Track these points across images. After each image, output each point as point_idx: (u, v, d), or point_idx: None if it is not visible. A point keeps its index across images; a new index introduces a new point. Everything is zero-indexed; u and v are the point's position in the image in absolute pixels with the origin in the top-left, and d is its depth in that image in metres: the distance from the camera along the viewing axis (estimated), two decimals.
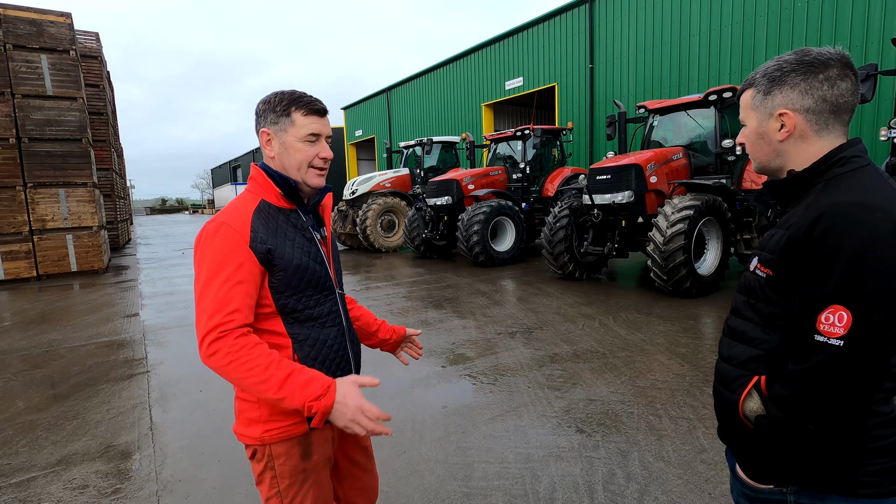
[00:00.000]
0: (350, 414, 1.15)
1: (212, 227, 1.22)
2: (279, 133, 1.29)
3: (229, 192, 43.29)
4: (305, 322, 1.31)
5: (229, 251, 1.19)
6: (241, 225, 1.21)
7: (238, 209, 1.26)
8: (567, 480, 2.49)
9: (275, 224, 1.27)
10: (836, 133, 1.01)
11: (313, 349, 1.31)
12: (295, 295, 1.28)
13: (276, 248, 1.24)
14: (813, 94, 0.99)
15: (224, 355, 1.14)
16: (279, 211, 1.31)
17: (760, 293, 1.03)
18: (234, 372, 1.14)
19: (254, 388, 1.15)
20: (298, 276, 1.28)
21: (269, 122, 1.30)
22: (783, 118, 1.02)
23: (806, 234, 0.92)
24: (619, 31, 13.17)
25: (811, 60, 0.99)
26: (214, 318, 1.15)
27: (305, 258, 1.30)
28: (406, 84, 22.67)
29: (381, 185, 12.94)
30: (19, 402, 3.77)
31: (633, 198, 6.61)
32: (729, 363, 1.09)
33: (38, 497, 2.54)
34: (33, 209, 9.86)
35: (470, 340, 4.89)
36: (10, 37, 9.46)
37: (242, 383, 1.15)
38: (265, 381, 1.14)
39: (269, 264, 1.24)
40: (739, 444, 1.09)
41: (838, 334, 0.87)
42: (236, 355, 1.14)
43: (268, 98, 1.32)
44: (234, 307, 1.17)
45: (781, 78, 1.02)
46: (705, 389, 3.48)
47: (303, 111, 1.29)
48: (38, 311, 7.01)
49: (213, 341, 1.15)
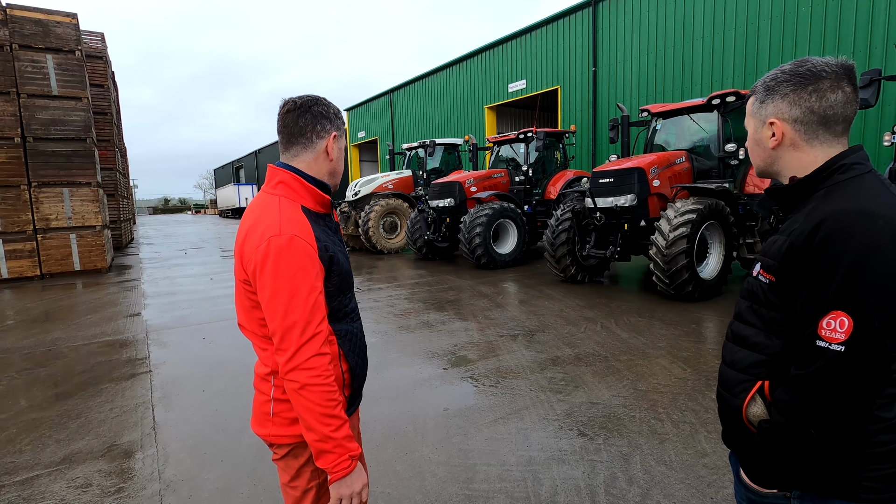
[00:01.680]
0: (354, 489, 1.22)
1: (282, 240, 1.19)
2: (340, 138, 1.37)
3: (231, 193, 43.28)
4: (343, 319, 1.36)
5: (306, 263, 1.20)
6: (308, 235, 1.23)
7: (295, 219, 1.24)
8: (569, 483, 2.49)
9: (322, 230, 1.31)
10: (828, 143, 1.03)
11: (351, 342, 1.37)
12: (339, 296, 1.34)
13: (336, 255, 1.29)
14: (801, 104, 1.02)
15: (318, 375, 1.18)
16: (318, 216, 1.33)
17: (763, 299, 1.05)
18: (314, 394, 1.17)
19: (316, 415, 1.18)
20: (345, 278, 1.34)
21: (336, 127, 1.35)
22: (773, 127, 1.06)
23: (807, 240, 0.93)
24: (623, 34, 13.19)
25: (803, 72, 1.02)
26: (309, 328, 1.18)
27: (346, 260, 1.36)
28: (409, 86, 22.71)
29: (383, 186, 12.96)
30: (23, 401, 3.79)
31: (636, 201, 6.60)
32: (732, 368, 1.10)
33: (41, 495, 2.55)
34: (37, 208, 9.90)
35: (472, 342, 4.89)
36: (16, 36, 9.51)
37: (311, 406, 1.18)
38: (333, 416, 1.19)
39: (329, 271, 1.28)
40: (743, 449, 1.09)
41: (839, 340, 0.88)
42: (326, 380, 1.19)
43: (326, 102, 1.35)
44: (322, 315, 1.22)
45: (774, 88, 1.06)
46: (707, 393, 3.47)
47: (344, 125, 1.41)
48: (41, 310, 7.03)
49: (314, 356, 1.18)
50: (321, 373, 1.18)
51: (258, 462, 2.78)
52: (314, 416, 1.18)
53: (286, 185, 1.30)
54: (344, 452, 1.19)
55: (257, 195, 1.37)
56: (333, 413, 1.19)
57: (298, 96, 1.34)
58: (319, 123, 1.32)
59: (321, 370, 1.18)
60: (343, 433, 1.20)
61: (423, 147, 13.09)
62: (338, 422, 1.19)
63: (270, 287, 1.18)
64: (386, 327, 5.56)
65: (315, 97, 1.34)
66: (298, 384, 1.17)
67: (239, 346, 5.01)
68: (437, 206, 10.35)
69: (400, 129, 23.76)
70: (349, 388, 1.37)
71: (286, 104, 1.32)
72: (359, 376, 1.40)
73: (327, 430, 1.18)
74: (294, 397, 1.19)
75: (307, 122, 1.30)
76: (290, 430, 1.31)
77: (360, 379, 1.41)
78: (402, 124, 23.57)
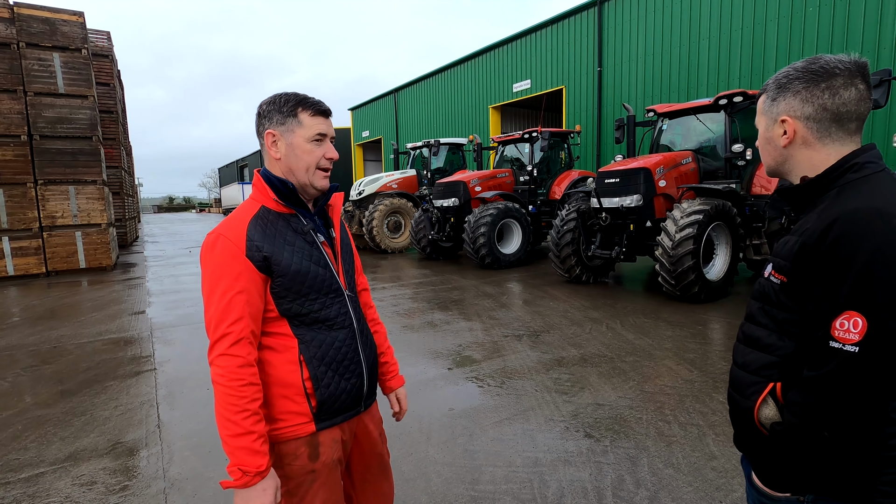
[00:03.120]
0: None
1: (210, 239, 1.24)
2: (286, 134, 1.28)
3: (236, 191, 43.47)
4: (312, 325, 1.31)
5: (226, 262, 1.21)
6: (236, 235, 1.23)
7: (235, 219, 1.27)
8: (576, 486, 2.47)
9: (273, 230, 1.27)
10: (840, 141, 1.01)
11: (319, 350, 1.30)
12: (297, 300, 1.28)
13: (273, 255, 1.24)
14: (813, 102, 1.01)
15: (220, 374, 1.17)
16: (279, 216, 1.30)
17: (775, 299, 1.03)
18: (219, 394, 1.17)
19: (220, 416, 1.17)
20: (298, 280, 1.27)
21: (276, 123, 1.28)
22: (784, 124, 1.05)
23: (820, 239, 0.92)
24: (628, 34, 13.14)
25: (816, 69, 1.00)
26: (219, 328, 1.19)
27: (306, 262, 1.29)
28: (413, 85, 22.71)
29: (387, 186, 12.96)
30: (28, 398, 3.80)
31: (642, 201, 6.57)
32: (744, 370, 1.08)
33: (46, 492, 2.55)
34: (43, 206, 9.94)
35: (476, 343, 4.87)
36: (23, 35, 9.55)
37: (218, 405, 1.18)
38: (231, 421, 1.15)
39: (269, 271, 1.25)
40: (755, 452, 1.08)
41: (853, 340, 0.87)
42: (229, 383, 1.16)
43: (272, 99, 1.30)
44: (236, 316, 1.19)
45: (786, 85, 1.05)
46: (715, 396, 3.44)
47: (310, 112, 1.29)
48: (46, 307, 7.06)
49: (219, 355, 1.18)
50: (225, 373, 1.16)
51: None
52: (218, 415, 1.18)
53: (255, 186, 1.34)
54: (235, 461, 1.15)
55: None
56: (232, 418, 1.15)
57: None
58: (260, 125, 1.30)
59: (226, 370, 1.16)
60: (240, 443, 1.14)
61: (428, 146, 13.08)
62: (236, 429, 1.15)
63: (201, 282, 1.24)
64: (390, 327, 5.55)
65: (271, 96, 1.31)
66: (212, 380, 1.19)
67: None
68: (442, 206, 10.34)
69: (404, 128, 23.76)
70: (314, 398, 1.28)
71: None
72: (327, 387, 1.30)
73: (223, 432, 1.16)
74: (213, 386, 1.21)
75: (256, 124, 1.33)
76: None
77: (330, 391, 1.31)
78: (407, 124, 23.57)
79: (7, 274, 9.64)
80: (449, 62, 20.05)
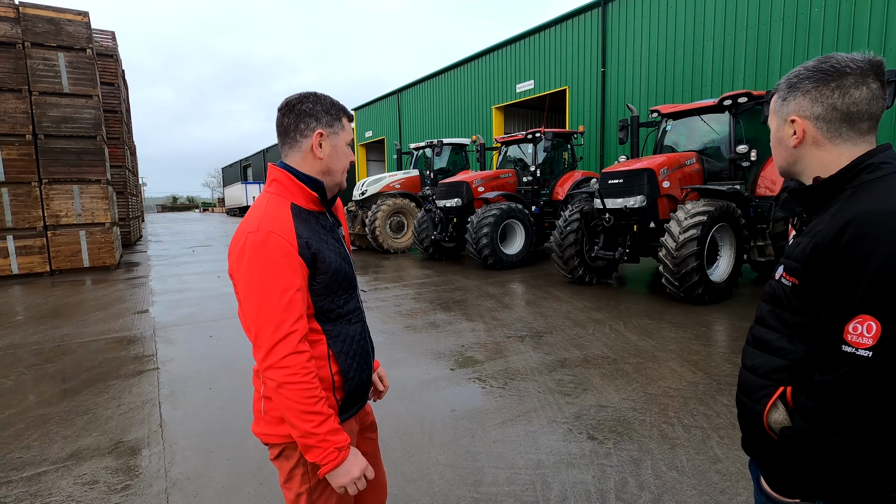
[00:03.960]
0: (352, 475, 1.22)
1: (258, 237, 1.19)
2: (331, 136, 1.32)
3: (239, 191, 43.52)
4: (336, 320, 1.33)
5: (282, 260, 1.18)
6: (286, 232, 1.21)
7: (277, 216, 1.23)
8: (578, 488, 2.45)
9: (311, 228, 1.28)
10: (852, 141, 1.00)
11: (345, 344, 1.33)
12: (329, 296, 1.30)
13: (320, 252, 1.25)
14: (823, 101, 1.00)
15: (293, 374, 1.16)
16: (310, 214, 1.31)
17: (786, 302, 1.02)
18: (292, 392, 1.16)
19: (297, 412, 1.17)
20: (337, 278, 1.30)
21: (325, 124, 1.31)
22: (794, 124, 1.04)
23: (833, 241, 0.90)
24: (632, 34, 13.10)
25: (826, 68, 0.99)
26: (283, 327, 1.16)
27: (339, 259, 1.32)
28: (417, 86, 22.71)
29: (390, 186, 12.96)
30: (31, 396, 3.80)
31: (646, 202, 6.54)
32: (753, 373, 1.07)
33: (48, 491, 2.55)
34: (48, 205, 9.98)
35: (479, 343, 4.86)
36: (28, 34, 9.59)
37: (290, 404, 1.17)
38: (313, 413, 1.18)
39: (314, 269, 1.25)
40: (764, 457, 1.06)
41: (867, 345, 0.85)
42: (303, 377, 1.17)
43: (315, 98, 1.31)
44: (298, 314, 1.19)
45: (796, 85, 1.04)
46: (719, 398, 3.42)
47: (347, 118, 1.35)
48: (50, 306, 7.08)
49: (288, 354, 1.16)
50: (297, 371, 1.16)
51: (264, 461, 2.77)
52: (295, 414, 1.17)
53: (279, 182, 1.31)
54: (329, 446, 1.19)
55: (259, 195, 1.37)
56: (314, 409, 1.17)
57: (293, 95, 1.33)
58: (303, 122, 1.30)
59: (297, 368, 1.16)
60: (326, 428, 1.19)
61: (431, 147, 13.07)
62: (319, 418, 1.18)
63: (245, 284, 1.18)
64: (392, 327, 5.54)
65: (306, 94, 1.32)
66: (276, 383, 1.17)
67: (245, 344, 5.01)
68: (445, 206, 10.33)
69: (407, 128, 23.76)
70: (341, 391, 1.33)
71: (280, 104, 1.33)
72: (353, 380, 1.35)
73: (309, 426, 1.17)
74: (274, 395, 1.19)
75: (291, 121, 1.30)
76: (278, 429, 1.29)
77: (355, 383, 1.36)
78: (410, 124, 23.57)
79: (11, 272, 9.68)
80: (452, 62, 20.04)
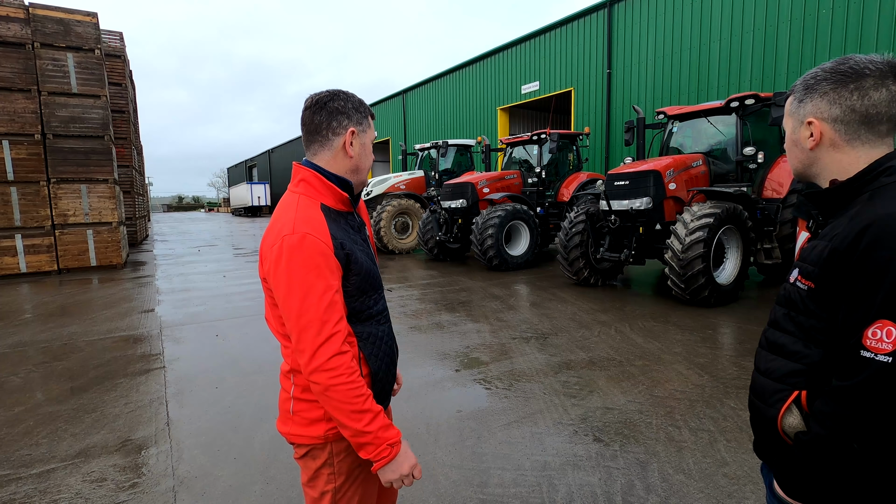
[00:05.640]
0: (402, 471, 1.22)
1: (294, 239, 1.17)
2: (361, 134, 1.32)
3: (244, 192, 43.70)
4: (367, 321, 1.33)
5: (320, 261, 1.17)
6: (322, 234, 1.20)
7: (310, 217, 1.22)
8: (585, 490, 2.45)
9: (342, 229, 1.27)
10: (871, 143, 0.99)
11: (375, 346, 1.33)
12: (361, 297, 1.30)
13: (353, 253, 1.25)
14: (841, 103, 0.98)
15: (339, 375, 1.15)
16: (339, 214, 1.30)
17: (801, 306, 1.01)
18: (340, 392, 1.16)
19: (346, 413, 1.16)
20: (367, 279, 1.30)
21: (356, 122, 1.30)
22: (811, 126, 1.03)
23: (851, 245, 0.89)
24: (638, 35, 13.08)
25: (845, 70, 0.98)
26: (325, 328, 1.16)
27: (368, 260, 1.31)
28: (422, 87, 22.75)
29: (395, 186, 12.98)
30: (39, 394, 3.83)
31: (651, 204, 6.52)
32: (767, 377, 1.06)
33: (57, 488, 2.57)
34: (56, 204, 10.06)
35: (484, 344, 4.86)
36: (38, 35, 9.68)
37: (339, 405, 1.16)
38: (363, 412, 1.17)
39: (347, 270, 1.25)
40: (778, 461, 1.05)
41: (886, 350, 0.84)
42: (350, 377, 1.17)
43: (346, 96, 1.30)
44: (339, 315, 1.19)
45: (814, 86, 1.02)
46: (726, 401, 3.41)
47: (371, 116, 1.35)
48: (58, 305, 7.13)
49: (334, 355, 1.16)
50: (343, 371, 1.16)
51: (271, 460, 2.78)
52: (344, 415, 1.17)
53: (307, 182, 1.29)
54: (381, 442, 1.19)
55: (284, 194, 1.35)
56: (363, 408, 1.17)
57: (320, 92, 1.31)
58: (335, 120, 1.27)
59: (343, 369, 1.16)
60: (377, 424, 1.18)
61: (436, 148, 13.09)
62: (369, 415, 1.18)
63: (284, 286, 1.17)
64: (397, 327, 5.54)
65: (335, 92, 1.31)
66: (322, 386, 1.16)
67: (251, 343, 5.03)
68: (450, 207, 10.33)
69: (412, 129, 23.80)
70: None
71: (307, 101, 1.31)
72: (381, 380, 1.35)
73: (360, 425, 1.17)
74: (321, 399, 1.19)
75: (322, 118, 1.28)
76: (308, 430, 1.29)
77: (383, 383, 1.37)
78: (415, 125, 23.61)
79: (20, 271, 9.76)
80: (457, 63, 20.06)
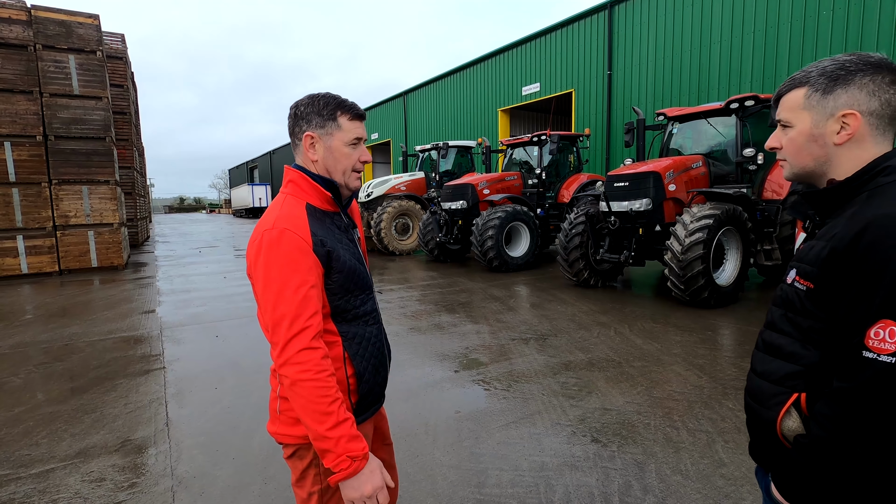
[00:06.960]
0: (363, 492, 1.16)
1: (273, 234, 1.19)
2: (325, 137, 1.30)
3: (245, 192, 43.74)
4: (353, 321, 1.33)
5: (297, 257, 1.18)
6: (301, 230, 1.21)
7: (292, 214, 1.24)
8: (582, 491, 2.45)
9: (326, 227, 1.28)
10: (888, 141, 0.97)
11: (361, 346, 1.33)
12: (345, 296, 1.30)
13: (335, 251, 1.25)
14: (880, 96, 0.94)
15: (307, 370, 1.14)
16: (325, 214, 1.31)
17: (799, 307, 0.99)
18: (307, 390, 1.14)
19: (309, 412, 1.15)
20: (352, 278, 1.30)
21: (315, 126, 1.29)
22: (847, 119, 0.97)
23: (851, 245, 0.88)
24: (638, 37, 13.09)
25: (876, 62, 0.95)
26: (297, 322, 1.15)
27: (353, 259, 1.31)
28: (423, 88, 22.78)
29: (396, 188, 12.99)
30: (39, 394, 3.85)
31: (651, 205, 6.52)
32: (765, 379, 1.04)
33: (56, 488, 2.58)
34: (57, 205, 10.09)
35: (483, 345, 4.86)
36: (39, 37, 9.72)
37: (303, 402, 1.15)
38: (326, 413, 1.14)
39: (329, 267, 1.25)
40: (776, 465, 1.03)
41: (889, 350, 0.83)
42: (317, 374, 1.15)
43: (309, 101, 1.30)
44: (313, 310, 1.18)
45: (847, 77, 0.96)
46: (724, 402, 3.41)
47: (348, 116, 1.30)
48: (59, 305, 7.15)
49: (302, 350, 1.15)
50: (311, 367, 1.14)
51: (269, 460, 2.79)
52: (308, 413, 1.15)
53: (294, 183, 1.32)
54: (342, 452, 1.14)
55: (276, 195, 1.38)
56: (327, 410, 1.14)
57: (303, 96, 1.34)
58: (297, 125, 1.30)
59: (311, 364, 1.14)
60: (340, 432, 1.14)
61: (436, 149, 13.11)
62: (333, 419, 1.14)
63: (262, 280, 1.19)
64: (397, 328, 5.55)
65: (309, 96, 1.32)
66: (290, 380, 1.15)
67: (251, 344, 5.04)
68: (450, 209, 10.34)
69: (413, 130, 23.83)
70: (356, 393, 1.31)
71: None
72: (368, 382, 1.34)
73: (321, 428, 1.14)
74: (289, 394, 1.17)
75: (292, 124, 1.32)
76: (293, 429, 1.29)
77: (370, 385, 1.35)
78: (416, 126, 23.64)
79: (21, 272, 9.79)
80: (458, 65, 20.09)
